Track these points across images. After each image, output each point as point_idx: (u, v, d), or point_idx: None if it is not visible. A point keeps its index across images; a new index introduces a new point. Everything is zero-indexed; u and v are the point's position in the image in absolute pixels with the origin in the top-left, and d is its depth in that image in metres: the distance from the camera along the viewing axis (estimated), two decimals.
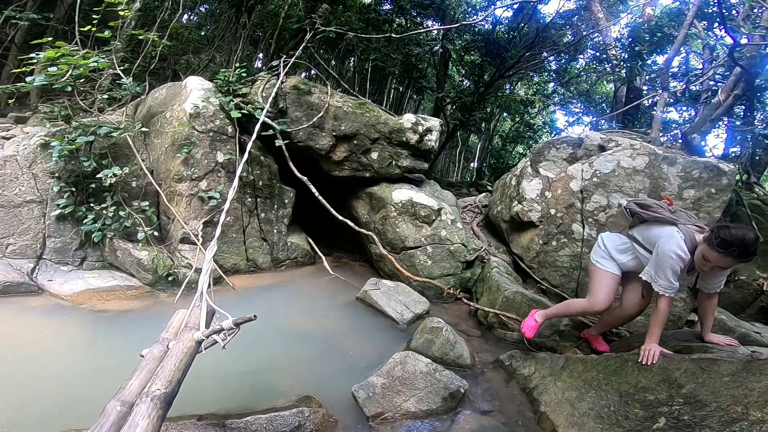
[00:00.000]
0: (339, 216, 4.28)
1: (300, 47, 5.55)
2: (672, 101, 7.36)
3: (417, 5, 8.64)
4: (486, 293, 3.78)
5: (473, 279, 4.18)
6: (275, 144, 4.11)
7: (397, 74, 10.35)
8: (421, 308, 3.58)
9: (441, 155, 12.26)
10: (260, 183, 4.25)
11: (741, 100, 6.19)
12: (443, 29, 8.74)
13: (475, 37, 9.31)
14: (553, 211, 4.05)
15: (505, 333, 3.38)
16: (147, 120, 4.26)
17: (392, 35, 7.64)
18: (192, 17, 8.44)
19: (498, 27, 10.13)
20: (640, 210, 2.47)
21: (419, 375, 2.43)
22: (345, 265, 4.80)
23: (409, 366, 2.47)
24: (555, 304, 3.03)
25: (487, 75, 9.75)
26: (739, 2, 6.09)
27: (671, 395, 1.92)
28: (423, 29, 9.11)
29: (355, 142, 4.55)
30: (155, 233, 3.77)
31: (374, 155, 4.64)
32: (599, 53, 10.06)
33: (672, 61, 6.05)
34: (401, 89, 11.91)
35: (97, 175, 3.51)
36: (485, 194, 6.59)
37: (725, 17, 5.14)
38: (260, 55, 8.33)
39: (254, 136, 3.84)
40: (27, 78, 3.65)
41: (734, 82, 4.84)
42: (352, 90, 7.24)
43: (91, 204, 3.61)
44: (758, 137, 6.42)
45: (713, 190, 3.53)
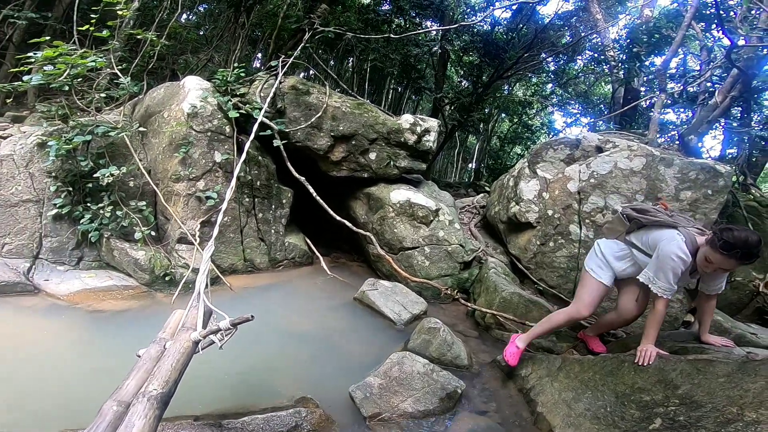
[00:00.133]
0: (337, 216, 4.29)
1: (299, 47, 5.56)
2: (669, 102, 7.38)
3: (416, 6, 8.66)
4: (483, 294, 3.78)
5: (471, 279, 4.18)
6: (273, 144, 4.11)
7: (396, 75, 10.37)
8: (419, 309, 3.58)
9: (439, 156, 12.27)
10: (258, 183, 4.25)
11: (738, 102, 6.22)
12: (442, 30, 8.75)
13: (474, 38, 9.34)
14: (551, 212, 4.06)
15: (503, 333, 3.38)
16: (145, 119, 4.26)
17: (391, 36, 7.66)
18: (190, 17, 8.43)
19: (497, 28, 10.16)
20: (638, 215, 2.44)
21: (416, 375, 2.43)
22: (343, 266, 4.80)
23: (407, 366, 2.47)
24: (534, 325, 2.80)
25: (486, 76, 9.78)
26: (737, 4, 6.11)
27: (667, 396, 1.93)
28: (422, 30, 9.11)
29: (354, 143, 4.55)
30: (152, 233, 3.76)
31: (372, 156, 4.64)
32: (597, 54, 10.09)
33: (670, 63, 6.06)
34: (400, 90, 11.92)
35: (95, 175, 3.50)
36: (483, 195, 6.60)
37: (723, 19, 5.16)
38: (259, 55, 8.33)
39: (252, 136, 3.84)
40: (24, 77, 3.64)
41: (731, 84, 4.86)
42: (351, 90, 7.23)
43: (88, 203, 3.60)
44: (755, 139, 6.47)
45: (710, 192, 3.55)
